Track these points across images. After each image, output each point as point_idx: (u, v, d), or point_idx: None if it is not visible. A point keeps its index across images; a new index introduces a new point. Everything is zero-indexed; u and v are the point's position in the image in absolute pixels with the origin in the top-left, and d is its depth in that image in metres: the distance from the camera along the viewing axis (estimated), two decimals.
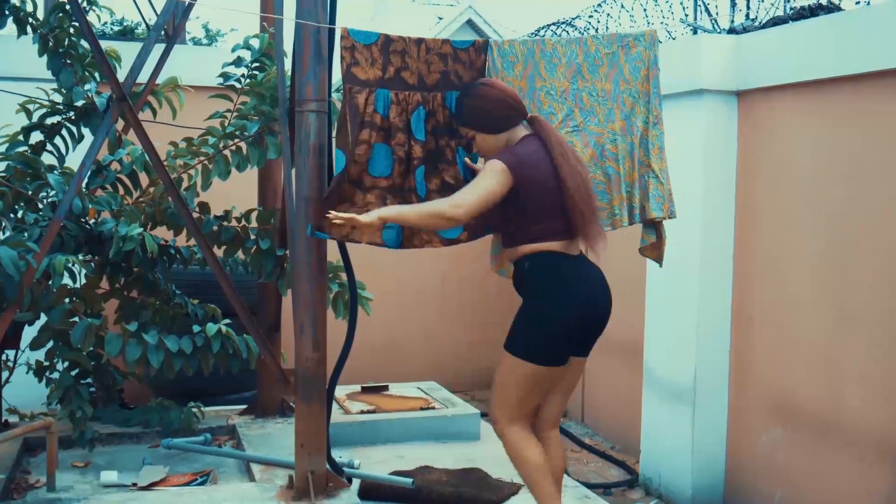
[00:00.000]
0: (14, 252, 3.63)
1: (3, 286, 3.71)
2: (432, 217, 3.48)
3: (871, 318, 4.31)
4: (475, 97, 3.61)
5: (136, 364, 4.16)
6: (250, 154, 4.60)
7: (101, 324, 4.22)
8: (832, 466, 4.52)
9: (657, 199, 4.07)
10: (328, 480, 3.99)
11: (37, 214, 4.49)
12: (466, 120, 3.64)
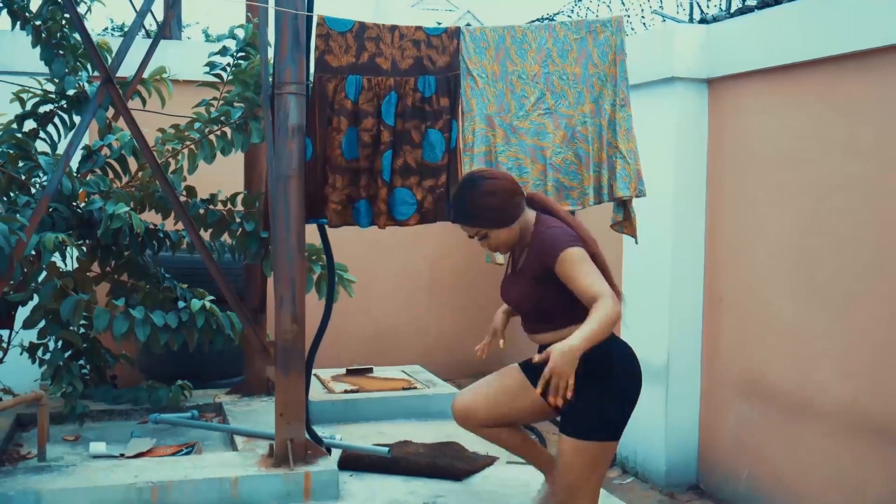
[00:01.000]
0: (4, 226, 3.80)
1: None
2: (612, 325, 3.09)
3: (833, 296, 4.47)
4: (485, 195, 3.33)
5: (123, 338, 4.32)
6: (235, 139, 4.77)
7: (91, 299, 4.37)
8: (799, 441, 4.67)
9: (624, 179, 4.23)
10: (307, 448, 4.15)
11: (29, 197, 4.65)
12: (478, 221, 3.35)
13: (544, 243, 3.32)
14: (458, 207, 3.40)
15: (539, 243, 3.34)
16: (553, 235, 3.32)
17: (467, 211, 3.36)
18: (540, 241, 3.35)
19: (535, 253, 3.35)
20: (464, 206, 3.37)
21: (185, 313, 4.45)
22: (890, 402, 4.14)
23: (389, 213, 4.09)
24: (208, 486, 3.96)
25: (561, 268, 3.23)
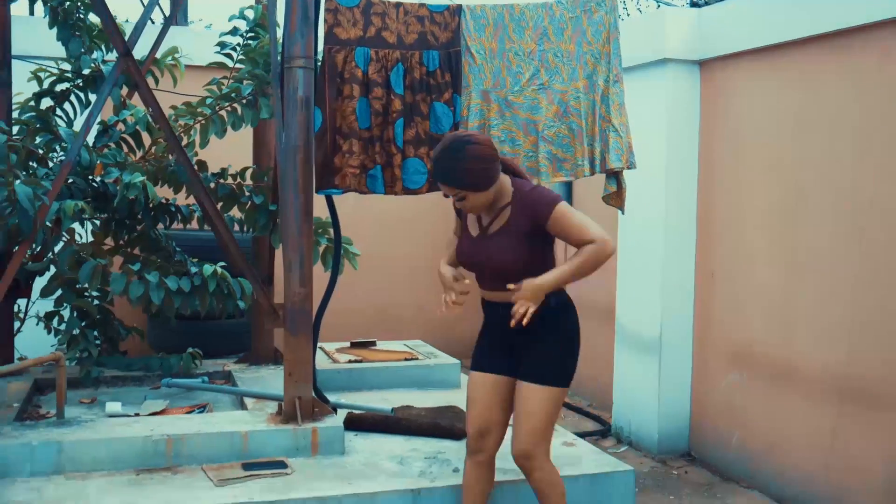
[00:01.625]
0: (29, 189, 4.01)
1: (19, 221, 4.08)
2: (596, 265, 3.40)
3: (817, 269, 4.68)
4: (471, 160, 3.39)
5: (139, 301, 4.52)
6: (245, 114, 4.97)
7: (107, 264, 4.57)
8: (785, 405, 4.87)
9: (617, 151, 4.44)
10: (314, 406, 4.35)
11: (47, 170, 4.85)
12: (462, 184, 3.40)
13: (535, 201, 3.47)
14: (443, 168, 3.42)
15: (529, 201, 3.48)
16: (541, 193, 3.50)
17: (453, 173, 3.40)
18: (529, 199, 3.48)
19: (525, 211, 3.47)
20: (450, 169, 3.40)
21: (198, 278, 4.65)
22: (866, 365, 4.34)
23: (403, 182, 4.30)
24: (220, 439, 4.16)
25: (555, 221, 3.41)
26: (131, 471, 4.01)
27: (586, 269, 3.39)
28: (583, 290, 6.67)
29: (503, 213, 3.53)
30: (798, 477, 4.76)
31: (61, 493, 3.74)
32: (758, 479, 5.05)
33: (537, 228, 3.47)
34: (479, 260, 3.58)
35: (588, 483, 4.17)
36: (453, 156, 3.40)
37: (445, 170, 3.42)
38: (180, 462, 4.10)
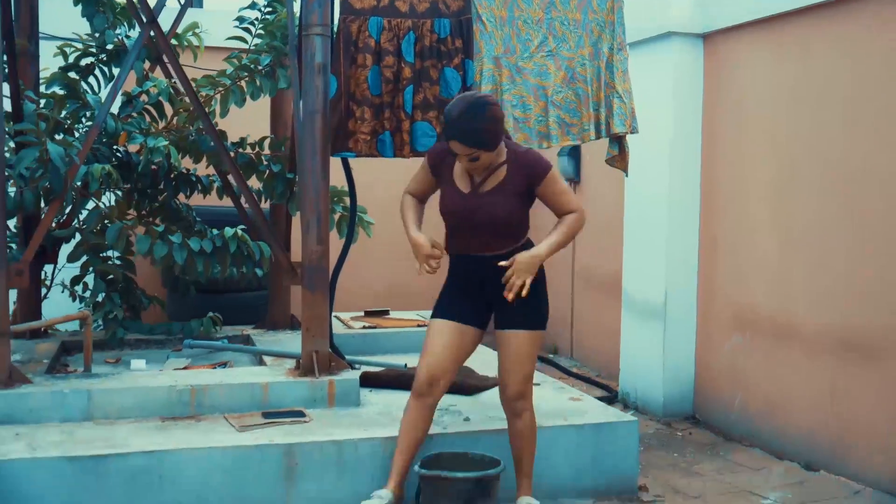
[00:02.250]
0: (61, 149, 4.21)
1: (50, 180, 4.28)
2: (575, 233, 3.73)
3: (814, 234, 4.84)
4: (491, 120, 3.56)
5: (162, 261, 4.71)
6: (263, 84, 5.16)
7: (133, 225, 4.76)
8: (785, 366, 5.03)
9: (620, 117, 4.62)
10: (331, 361, 4.54)
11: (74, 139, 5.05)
12: (480, 143, 3.56)
13: (533, 162, 3.70)
14: (463, 129, 3.53)
15: (525, 161, 3.70)
16: (537, 155, 3.76)
17: (474, 134, 3.53)
18: (525, 160, 3.71)
19: (522, 171, 3.69)
20: (471, 130, 3.53)
21: (219, 240, 4.85)
22: (862, 323, 4.50)
23: (412, 145, 4.49)
24: (241, 390, 4.36)
25: (547, 183, 3.69)
26: (156, 418, 4.21)
27: (571, 238, 3.76)
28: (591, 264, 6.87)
29: (498, 172, 3.71)
30: (798, 433, 4.92)
31: (91, 435, 3.94)
32: (759, 438, 5.21)
33: (529, 188, 3.70)
34: (471, 215, 3.72)
35: (593, 431, 4.35)
36: (474, 116, 3.54)
37: (466, 130, 3.54)
38: (203, 411, 4.29)
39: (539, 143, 4.61)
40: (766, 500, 4.38)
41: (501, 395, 3.88)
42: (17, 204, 4.50)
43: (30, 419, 4.09)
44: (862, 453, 4.53)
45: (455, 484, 3.66)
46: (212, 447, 3.83)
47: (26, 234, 4.86)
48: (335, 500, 3.93)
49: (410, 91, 4.46)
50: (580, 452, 4.30)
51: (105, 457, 3.71)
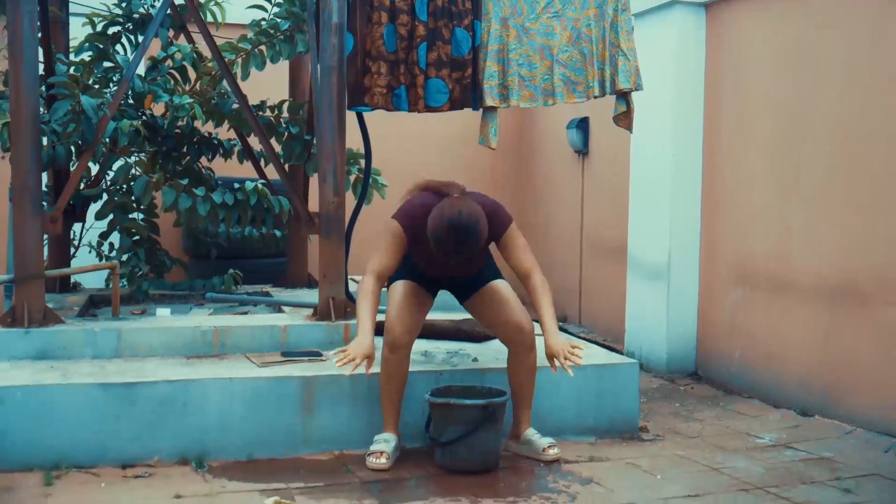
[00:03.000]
0: (93, 100, 4.46)
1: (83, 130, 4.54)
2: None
3: (810, 188, 5.04)
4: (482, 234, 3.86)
5: (187, 213, 4.96)
6: (282, 48, 5.40)
7: (158, 178, 5.01)
8: (782, 316, 5.24)
9: (625, 74, 4.82)
10: (346, 307, 4.78)
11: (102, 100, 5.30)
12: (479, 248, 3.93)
13: (492, 211, 3.98)
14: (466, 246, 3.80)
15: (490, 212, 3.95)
16: (498, 210, 4.05)
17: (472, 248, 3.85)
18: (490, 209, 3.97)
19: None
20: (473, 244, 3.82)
21: (241, 193, 5.09)
22: (855, 270, 4.70)
23: (425, 100, 4.73)
24: (262, 331, 4.60)
25: (508, 237, 4.04)
26: (182, 357, 4.46)
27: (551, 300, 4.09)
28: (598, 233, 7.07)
29: None
30: (794, 382, 5.12)
31: (121, 369, 4.19)
32: (758, 389, 5.41)
33: (491, 239, 4.03)
34: (451, 273, 4.16)
35: (596, 372, 4.57)
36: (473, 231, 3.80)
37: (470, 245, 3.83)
38: (225, 351, 4.54)
39: (544, 100, 4.83)
40: (761, 440, 4.58)
41: (517, 335, 4.11)
42: (49, 157, 4.75)
43: (63, 355, 4.34)
44: (853, 397, 4.73)
45: (463, 410, 3.89)
46: (233, 378, 4.08)
47: (57, 187, 5.12)
48: (349, 429, 4.17)
49: (424, 48, 4.69)
50: (583, 393, 4.52)
51: (134, 384, 3.96)
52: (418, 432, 4.18)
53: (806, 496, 3.72)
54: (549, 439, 4.14)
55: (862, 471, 4.05)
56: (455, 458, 3.92)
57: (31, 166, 4.33)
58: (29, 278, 4.36)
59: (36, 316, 4.39)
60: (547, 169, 8.21)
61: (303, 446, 4.13)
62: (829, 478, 3.96)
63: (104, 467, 3.88)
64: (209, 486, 3.73)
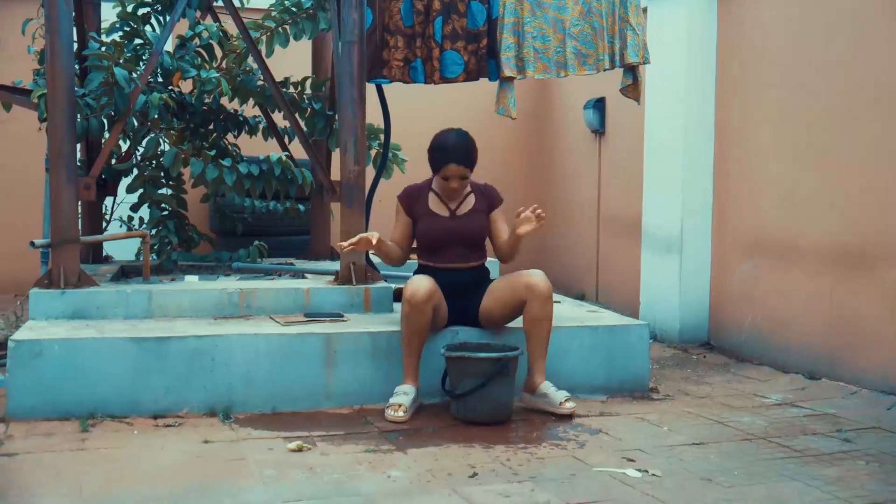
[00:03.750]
0: (125, 72, 4.68)
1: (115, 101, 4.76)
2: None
3: (815, 157, 5.18)
4: (474, 142, 4.53)
5: (215, 184, 5.16)
6: (305, 26, 5.59)
7: (187, 149, 5.21)
8: (790, 284, 5.38)
9: (634, 48, 4.99)
10: (367, 272, 4.97)
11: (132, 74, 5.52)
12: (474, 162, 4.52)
13: (490, 191, 4.66)
14: (461, 149, 4.44)
15: (485, 191, 4.64)
16: (491, 187, 4.69)
17: (468, 153, 4.47)
18: (485, 190, 4.64)
19: (485, 197, 4.61)
20: (467, 148, 4.48)
21: (265, 164, 5.29)
22: (859, 234, 4.84)
23: (441, 72, 4.91)
24: (286, 294, 4.80)
25: (501, 211, 4.62)
26: (210, 317, 4.66)
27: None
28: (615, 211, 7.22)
29: (468, 199, 4.59)
30: (801, 346, 5.26)
31: (152, 326, 4.40)
32: (768, 356, 5.55)
33: (489, 210, 4.56)
34: (453, 232, 4.52)
35: (606, 333, 4.74)
36: (466, 139, 4.49)
37: (463, 150, 4.44)
38: (251, 312, 4.74)
39: (557, 72, 5.00)
40: (767, 399, 4.73)
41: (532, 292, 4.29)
42: (83, 129, 4.96)
43: (97, 315, 4.56)
44: (858, 358, 4.87)
45: (476, 363, 4.07)
46: (258, 334, 4.28)
47: (90, 159, 5.34)
48: (369, 382, 4.36)
49: (440, 22, 4.87)
50: (594, 352, 4.69)
51: (165, 339, 4.17)
52: (436, 388, 4.36)
53: (805, 444, 3.87)
54: (564, 393, 4.28)
55: (862, 424, 4.20)
56: (469, 409, 4.10)
57: (66, 135, 4.55)
58: (64, 242, 4.58)
59: (71, 278, 4.60)
60: (565, 148, 8.36)
61: (325, 400, 4.33)
62: (830, 430, 4.10)
63: (136, 418, 4.09)
64: (235, 433, 3.93)
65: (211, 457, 3.60)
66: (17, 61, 6.14)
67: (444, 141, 4.49)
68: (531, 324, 4.31)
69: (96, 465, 3.46)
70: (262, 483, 3.30)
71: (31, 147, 6.90)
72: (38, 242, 4.79)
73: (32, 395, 4.02)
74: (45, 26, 4.53)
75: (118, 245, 6.39)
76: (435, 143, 4.52)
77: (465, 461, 3.59)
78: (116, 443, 3.76)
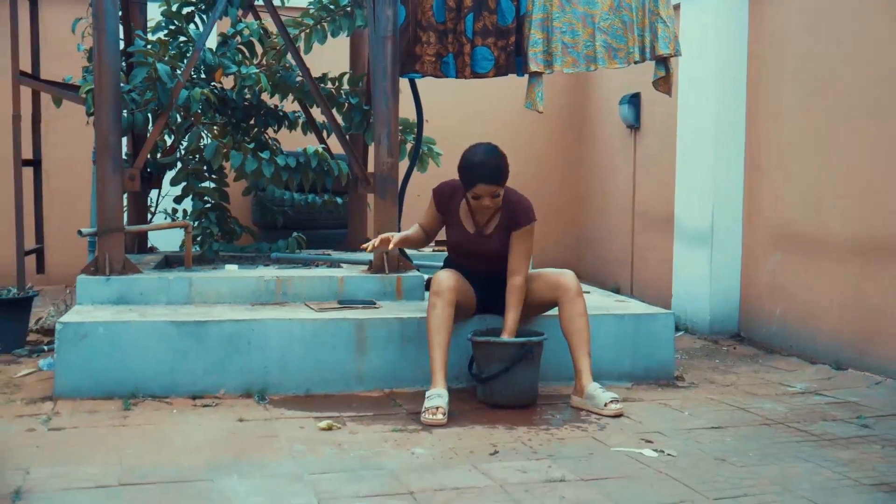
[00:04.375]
0: (168, 67, 4.88)
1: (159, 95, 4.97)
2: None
3: (841, 151, 5.24)
4: (505, 157, 4.36)
5: (254, 175, 5.35)
6: (342, 23, 5.76)
7: (227, 142, 5.41)
8: (818, 275, 5.43)
9: (665, 40, 5.07)
10: (399, 261, 5.12)
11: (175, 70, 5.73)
12: (505, 178, 4.35)
13: (523, 206, 4.44)
14: (490, 165, 4.28)
15: (517, 204, 4.43)
16: (528, 202, 4.48)
17: (498, 169, 4.31)
18: (517, 202, 4.44)
19: (513, 212, 4.41)
20: (496, 164, 4.30)
21: (302, 156, 5.47)
22: (883, 226, 4.89)
23: (472, 67, 5.05)
24: (321, 282, 4.96)
25: (526, 232, 4.42)
26: (247, 304, 4.84)
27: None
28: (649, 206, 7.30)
29: (496, 216, 4.46)
30: (828, 337, 5.31)
31: (192, 311, 4.59)
32: (797, 347, 5.61)
33: (512, 228, 4.43)
34: (479, 252, 4.51)
35: (632, 321, 4.84)
36: (494, 155, 4.34)
37: (493, 167, 4.29)
38: (287, 299, 4.91)
39: (587, 66, 5.09)
40: (791, 388, 4.79)
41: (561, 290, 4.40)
42: (129, 123, 5.17)
43: (140, 301, 4.76)
44: (883, 348, 4.92)
45: (501, 348, 4.20)
46: (293, 319, 4.45)
47: (135, 152, 5.55)
48: (398, 366, 4.52)
49: (471, 18, 5.00)
50: (620, 339, 4.79)
51: (204, 323, 4.35)
52: (462, 373, 4.50)
53: (823, 430, 3.94)
54: (611, 394, 4.20)
55: (883, 412, 4.26)
56: (495, 393, 4.23)
57: (112, 128, 4.76)
58: (110, 230, 4.79)
59: (116, 266, 4.81)
60: (601, 143, 8.45)
61: (356, 384, 4.49)
62: (850, 417, 4.17)
63: (176, 398, 4.28)
64: (269, 413, 4.10)
65: (245, 434, 3.77)
66: (67, 59, 6.39)
67: (470, 158, 4.34)
68: (567, 323, 4.35)
69: (136, 439, 3.64)
70: (291, 457, 3.46)
71: (78, 143, 7.18)
72: (85, 231, 5.01)
73: (78, 375, 4.23)
74: (93, 25, 4.74)
75: (163, 237, 6.63)
76: (464, 161, 4.36)
77: (488, 440, 3.72)
78: (156, 420, 3.94)
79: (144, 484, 3.13)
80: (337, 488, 3.13)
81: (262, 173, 5.35)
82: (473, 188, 4.31)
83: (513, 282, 4.38)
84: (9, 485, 3.07)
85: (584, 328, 4.34)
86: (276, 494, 3.06)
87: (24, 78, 5.44)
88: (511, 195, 4.45)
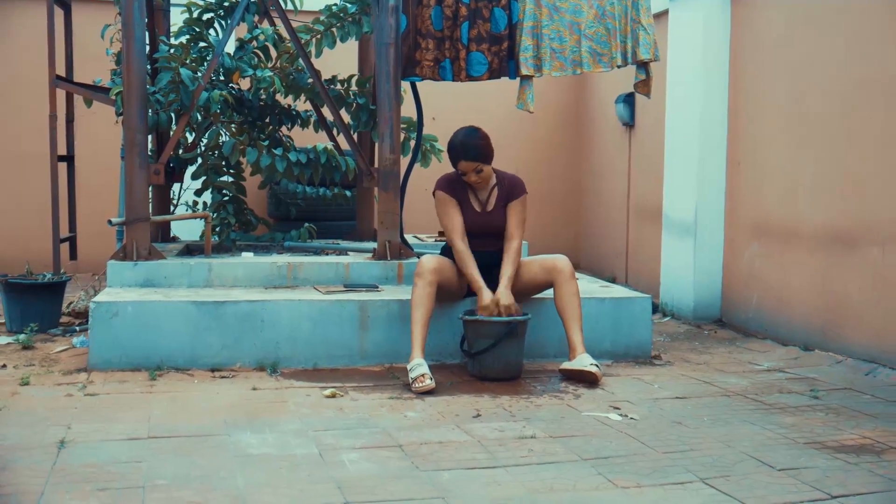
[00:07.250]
0: (189, 72, 5.37)
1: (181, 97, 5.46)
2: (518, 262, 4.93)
3: (814, 148, 5.65)
4: (484, 137, 4.87)
5: (268, 170, 5.83)
6: (350, 29, 6.22)
7: (244, 139, 5.88)
8: (791, 264, 5.85)
9: (645, 46, 5.50)
10: (400, 249, 5.58)
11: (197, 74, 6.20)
12: (483, 156, 4.82)
13: (515, 181, 5.03)
14: (466, 145, 4.80)
15: (510, 181, 5.02)
16: (517, 180, 5.06)
17: (474, 148, 4.81)
18: (510, 179, 5.03)
19: (507, 188, 4.98)
20: (472, 144, 4.82)
21: (313, 153, 5.94)
22: (848, 219, 5.30)
23: (467, 71, 5.50)
24: (329, 267, 5.43)
25: (520, 203, 4.98)
26: (261, 287, 5.32)
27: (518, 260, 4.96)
28: (643, 199, 7.72)
29: (493, 192, 5.01)
30: (798, 321, 5.74)
31: (211, 293, 5.07)
32: (772, 331, 6.03)
33: (507, 201, 4.98)
34: (484, 227, 4.96)
35: (613, 304, 5.29)
36: (470, 137, 4.85)
37: (469, 146, 4.81)
38: (297, 283, 5.38)
39: (573, 70, 5.54)
40: (759, 366, 5.23)
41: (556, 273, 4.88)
42: (154, 122, 5.66)
43: (164, 284, 5.24)
44: (845, 331, 5.34)
45: (490, 325, 4.66)
46: (302, 300, 4.92)
47: (159, 149, 6.04)
48: (398, 343, 4.97)
49: (466, 26, 5.46)
50: (601, 321, 5.24)
51: (221, 303, 4.83)
52: (456, 350, 4.96)
53: (776, 400, 4.38)
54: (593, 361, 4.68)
55: (836, 386, 4.69)
56: (483, 366, 4.69)
57: (139, 126, 5.25)
58: (137, 220, 5.28)
59: (142, 252, 5.30)
60: (598, 140, 8.89)
61: (359, 359, 4.96)
62: (804, 390, 4.60)
63: (196, 370, 4.76)
64: (280, 384, 4.57)
65: (258, 400, 4.25)
66: (96, 62, 6.89)
67: (453, 139, 4.88)
68: (561, 302, 4.83)
69: (162, 403, 4.13)
70: (298, 418, 3.93)
71: (105, 140, 7.69)
72: (114, 221, 5.50)
73: (109, 350, 4.72)
74: (122, 32, 5.23)
75: (184, 228, 7.13)
76: (449, 143, 4.89)
77: (473, 406, 4.18)
78: (179, 389, 4.43)
79: (170, 437, 3.61)
80: (336, 442, 3.60)
81: (276, 168, 5.83)
82: (458, 165, 4.87)
83: (510, 244, 4.92)
84: (55, 436, 3.56)
85: (577, 306, 4.83)
86: (284, 446, 3.54)
87: (60, 81, 5.93)
88: (504, 175, 5.05)
